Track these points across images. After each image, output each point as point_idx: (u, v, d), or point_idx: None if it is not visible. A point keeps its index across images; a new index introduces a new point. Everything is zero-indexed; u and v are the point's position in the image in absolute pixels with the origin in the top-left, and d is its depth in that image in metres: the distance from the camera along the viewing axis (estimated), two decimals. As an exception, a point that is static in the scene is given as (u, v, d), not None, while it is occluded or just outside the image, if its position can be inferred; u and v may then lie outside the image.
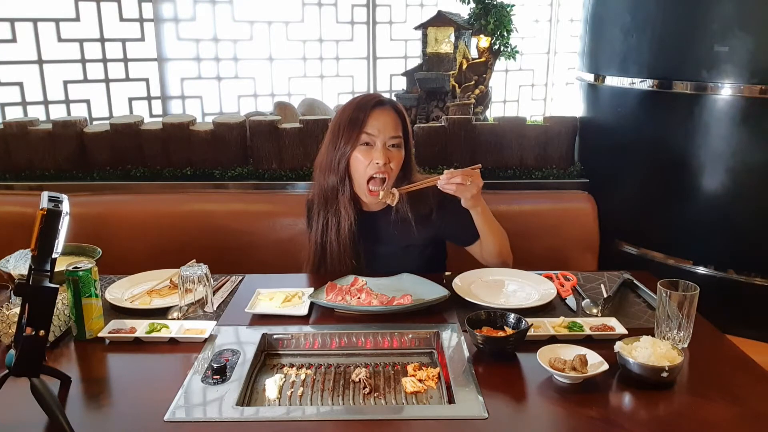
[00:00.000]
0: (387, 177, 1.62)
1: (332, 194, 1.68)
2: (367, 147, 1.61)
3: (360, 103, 1.64)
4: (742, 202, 1.99)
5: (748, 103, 1.90)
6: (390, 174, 1.63)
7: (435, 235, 1.76)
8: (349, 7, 4.43)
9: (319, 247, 1.72)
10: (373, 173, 1.62)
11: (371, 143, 1.61)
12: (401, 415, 1.13)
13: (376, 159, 1.60)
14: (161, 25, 3.84)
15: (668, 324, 1.27)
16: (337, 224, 1.68)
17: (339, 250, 1.69)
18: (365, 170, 1.62)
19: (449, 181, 1.54)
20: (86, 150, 2.47)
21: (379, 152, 1.60)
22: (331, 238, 1.69)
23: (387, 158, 1.60)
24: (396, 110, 1.65)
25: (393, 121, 1.63)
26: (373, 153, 1.60)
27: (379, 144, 1.60)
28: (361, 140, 1.61)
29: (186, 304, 1.46)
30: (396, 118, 1.64)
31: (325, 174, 1.68)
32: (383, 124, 1.61)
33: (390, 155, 1.61)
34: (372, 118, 1.61)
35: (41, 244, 1.06)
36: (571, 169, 2.48)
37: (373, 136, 1.60)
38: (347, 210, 1.66)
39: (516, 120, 2.48)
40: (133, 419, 1.08)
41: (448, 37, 2.71)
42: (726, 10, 1.90)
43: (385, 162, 1.60)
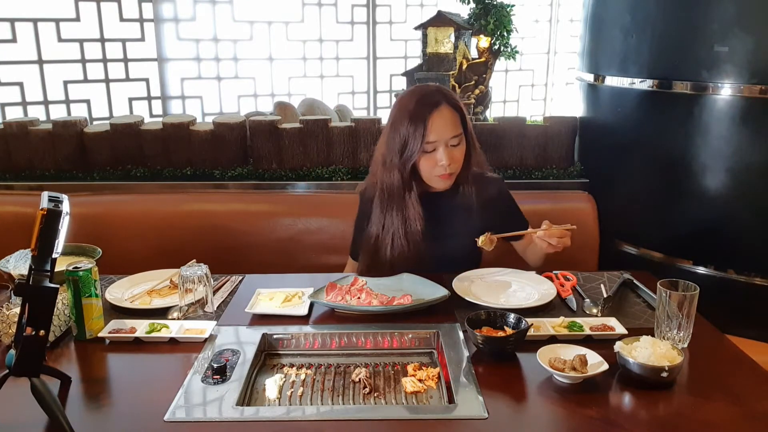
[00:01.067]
0: (453, 173, 1.66)
1: (397, 193, 1.69)
2: (431, 153, 1.63)
3: (419, 104, 1.63)
4: (742, 202, 1.99)
5: (748, 103, 1.90)
6: (455, 171, 1.66)
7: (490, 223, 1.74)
8: (349, 7, 4.44)
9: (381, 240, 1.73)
10: (439, 174, 1.64)
11: (434, 149, 1.62)
12: (401, 415, 1.13)
13: (440, 161, 1.62)
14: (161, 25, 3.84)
15: (668, 324, 1.27)
16: (404, 222, 1.69)
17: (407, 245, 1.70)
18: (431, 171, 1.65)
19: (542, 238, 1.60)
20: (86, 150, 2.47)
21: (443, 155, 1.61)
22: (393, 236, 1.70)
23: (450, 158, 1.62)
24: (453, 106, 1.65)
25: (452, 121, 1.63)
26: (437, 156, 1.62)
27: (440, 147, 1.61)
28: (424, 149, 1.62)
29: (186, 304, 1.46)
30: (454, 115, 1.64)
31: (389, 171, 1.68)
32: (442, 127, 1.61)
33: (452, 155, 1.63)
34: (431, 124, 1.60)
35: (41, 244, 1.06)
36: (571, 169, 2.49)
37: (435, 142, 1.61)
38: (416, 209, 1.68)
39: (516, 120, 2.48)
40: (133, 419, 1.08)
41: (448, 37, 2.71)
42: (726, 10, 1.90)
43: (449, 163, 1.62)
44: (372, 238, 1.74)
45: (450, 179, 1.67)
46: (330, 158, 2.47)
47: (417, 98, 1.65)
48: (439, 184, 1.69)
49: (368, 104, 4.77)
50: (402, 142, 1.63)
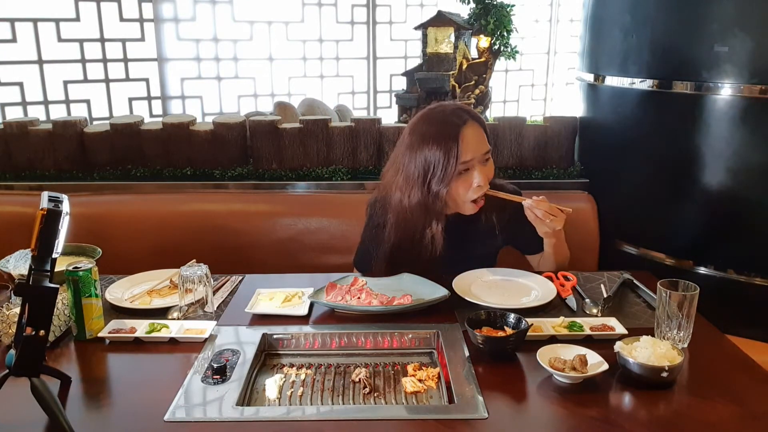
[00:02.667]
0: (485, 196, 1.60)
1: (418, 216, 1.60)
2: (465, 173, 1.56)
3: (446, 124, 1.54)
4: (742, 202, 1.98)
5: (748, 103, 1.90)
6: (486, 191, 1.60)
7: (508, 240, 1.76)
8: (349, 7, 4.44)
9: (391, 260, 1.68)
10: (474, 197, 1.58)
11: (468, 169, 1.55)
12: (401, 415, 1.13)
13: (478, 182, 1.55)
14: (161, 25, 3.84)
15: (668, 324, 1.27)
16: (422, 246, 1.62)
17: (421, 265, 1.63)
18: (466, 194, 1.58)
19: (532, 208, 1.55)
20: (86, 150, 2.47)
21: (478, 174, 1.55)
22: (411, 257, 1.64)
23: (485, 178, 1.57)
24: (478, 121, 1.58)
25: (481, 136, 1.57)
26: (473, 176, 1.55)
27: (476, 165, 1.55)
28: (459, 170, 1.54)
29: (186, 304, 1.46)
30: (480, 131, 1.57)
31: (409, 198, 1.59)
32: (475, 144, 1.54)
33: (487, 171, 1.58)
34: (464, 142, 1.52)
35: (41, 244, 1.06)
36: (571, 169, 2.48)
37: (470, 161, 1.54)
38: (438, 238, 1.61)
39: (516, 120, 2.48)
40: (133, 419, 1.08)
41: (448, 37, 2.71)
42: (726, 10, 1.90)
43: (485, 183, 1.57)
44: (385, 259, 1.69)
45: (482, 203, 1.60)
46: (330, 158, 2.47)
47: (441, 117, 1.56)
48: (471, 209, 1.60)
49: (368, 104, 4.77)
50: (427, 166, 1.53)
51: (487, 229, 1.70)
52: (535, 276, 1.66)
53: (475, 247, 1.73)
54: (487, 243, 1.73)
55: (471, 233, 1.70)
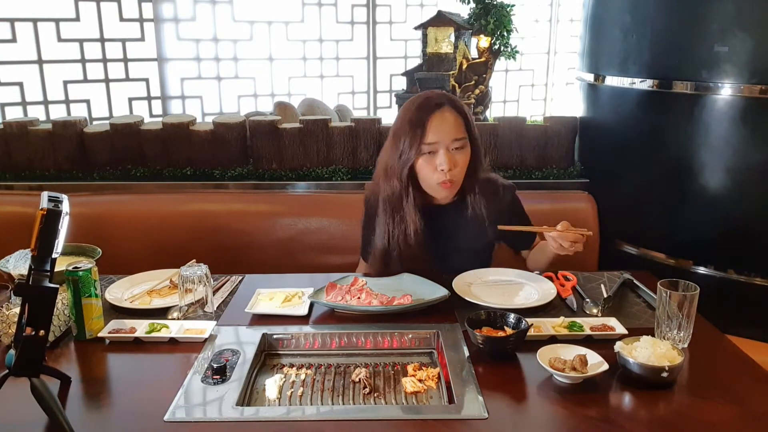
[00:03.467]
0: (455, 181, 1.59)
1: (397, 201, 1.64)
2: (431, 155, 1.57)
3: (420, 107, 1.58)
4: (742, 202, 1.98)
5: (748, 103, 1.90)
6: (456, 178, 1.60)
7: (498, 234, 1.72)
8: (349, 7, 4.44)
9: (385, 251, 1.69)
10: (440, 180, 1.58)
11: (434, 151, 1.56)
12: (401, 415, 1.13)
13: (441, 165, 1.55)
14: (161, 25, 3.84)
15: (668, 324, 1.27)
16: (404, 231, 1.64)
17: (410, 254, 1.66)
18: (431, 176, 1.59)
19: (556, 239, 1.53)
20: (86, 150, 2.47)
21: (443, 158, 1.55)
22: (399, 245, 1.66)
23: (452, 163, 1.56)
24: (456, 109, 1.59)
25: (454, 123, 1.57)
26: (437, 160, 1.56)
27: (442, 150, 1.56)
28: (423, 150, 1.57)
29: (186, 304, 1.46)
30: (457, 119, 1.58)
31: (389, 180, 1.63)
32: (445, 129, 1.56)
33: (454, 159, 1.57)
34: (432, 125, 1.55)
35: (41, 244, 1.06)
36: (571, 169, 2.48)
37: (435, 143, 1.56)
38: (413, 217, 1.62)
39: (516, 120, 2.48)
40: (133, 419, 1.08)
41: (448, 37, 2.71)
42: (726, 10, 1.90)
43: (450, 168, 1.56)
44: (378, 249, 1.71)
45: (451, 188, 1.60)
46: (330, 158, 2.47)
47: (419, 101, 1.60)
48: (440, 193, 1.62)
49: (368, 104, 4.77)
50: (401, 146, 1.58)
51: (475, 221, 1.68)
52: (535, 276, 1.66)
53: (465, 239, 1.71)
54: (477, 235, 1.70)
55: (459, 224, 1.70)
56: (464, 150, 1.59)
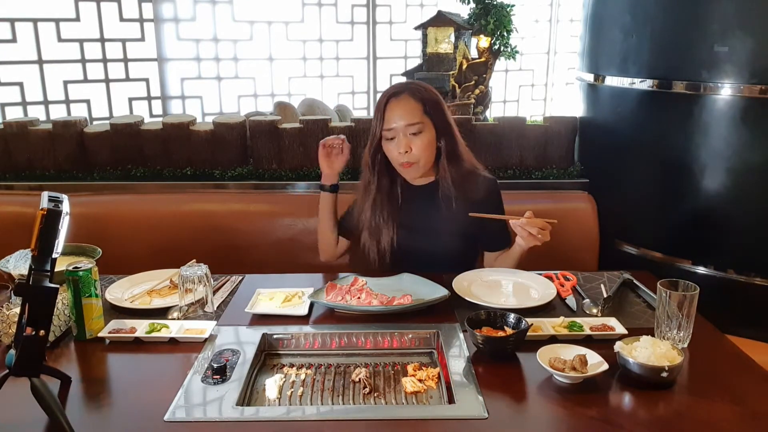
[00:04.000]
0: (415, 163, 1.68)
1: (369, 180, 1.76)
2: (391, 140, 1.67)
3: (382, 97, 1.70)
4: (742, 202, 1.99)
5: (748, 103, 1.90)
6: (417, 160, 1.67)
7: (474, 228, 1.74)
8: (349, 7, 4.44)
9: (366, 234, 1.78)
10: (400, 162, 1.68)
11: (394, 136, 1.66)
12: (401, 415, 1.13)
13: (398, 148, 1.66)
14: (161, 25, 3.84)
15: (668, 324, 1.27)
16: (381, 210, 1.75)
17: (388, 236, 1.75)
18: (395, 159, 1.69)
19: (524, 227, 1.56)
20: (86, 150, 2.47)
21: (400, 142, 1.65)
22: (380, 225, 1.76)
23: (407, 146, 1.65)
24: (414, 96, 1.67)
25: (409, 109, 1.66)
26: (396, 144, 1.66)
27: (399, 135, 1.65)
28: (385, 136, 1.68)
29: (186, 304, 1.46)
30: (413, 105, 1.66)
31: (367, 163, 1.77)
32: (399, 115, 1.65)
33: (409, 143, 1.65)
34: (388, 113, 1.66)
35: (41, 244, 1.06)
36: (571, 169, 2.48)
37: (392, 129, 1.66)
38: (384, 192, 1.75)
39: (516, 120, 2.48)
40: (133, 419, 1.08)
41: (448, 37, 2.71)
42: (726, 10, 1.90)
43: (406, 150, 1.65)
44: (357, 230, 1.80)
45: (412, 169, 1.69)
46: (330, 158, 2.47)
47: (384, 92, 1.72)
48: (404, 173, 1.73)
49: (368, 104, 4.77)
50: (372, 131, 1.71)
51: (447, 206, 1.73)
52: (535, 276, 1.66)
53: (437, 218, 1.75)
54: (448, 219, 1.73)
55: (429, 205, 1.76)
56: (422, 135, 1.66)
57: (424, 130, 1.66)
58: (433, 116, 1.68)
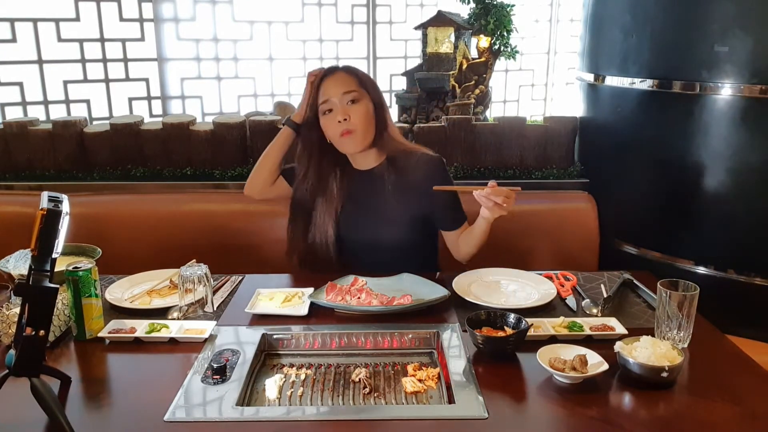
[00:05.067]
0: (354, 130, 1.67)
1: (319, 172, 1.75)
2: (329, 113, 1.68)
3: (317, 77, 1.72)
4: (742, 202, 1.98)
5: (748, 103, 1.90)
6: (357, 128, 1.67)
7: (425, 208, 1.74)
8: (349, 7, 4.43)
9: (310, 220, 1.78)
10: (340, 131, 1.66)
11: (331, 108, 1.67)
12: (401, 415, 1.12)
13: (337, 117, 1.66)
14: (161, 25, 3.84)
15: (668, 324, 1.27)
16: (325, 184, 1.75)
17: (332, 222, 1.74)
18: (334, 131, 1.68)
19: (488, 196, 1.51)
20: (86, 150, 2.47)
21: (337, 111, 1.66)
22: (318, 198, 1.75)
23: (345, 113, 1.66)
24: (348, 71, 1.72)
25: (344, 80, 1.69)
26: (334, 114, 1.67)
27: (336, 104, 1.66)
28: (320, 111, 1.69)
29: (186, 304, 1.46)
30: (347, 77, 1.70)
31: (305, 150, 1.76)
32: (334, 86, 1.68)
33: (349, 111, 1.66)
34: (322, 89, 1.69)
35: (41, 244, 1.06)
36: (571, 169, 2.48)
37: (328, 101, 1.67)
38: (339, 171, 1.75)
39: (516, 120, 2.48)
40: (133, 419, 1.08)
41: (448, 37, 2.71)
42: (726, 10, 1.90)
43: (345, 117, 1.65)
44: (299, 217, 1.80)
45: (351, 138, 1.67)
46: (330, 158, 2.47)
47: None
48: (344, 145, 1.70)
49: (368, 104, 4.75)
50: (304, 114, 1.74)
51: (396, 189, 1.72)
52: (535, 276, 1.66)
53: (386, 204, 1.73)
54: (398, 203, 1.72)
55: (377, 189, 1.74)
56: (360, 103, 1.68)
57: (361, 99, 1.68)
58: (368, 90, 1.71)
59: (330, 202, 1.75)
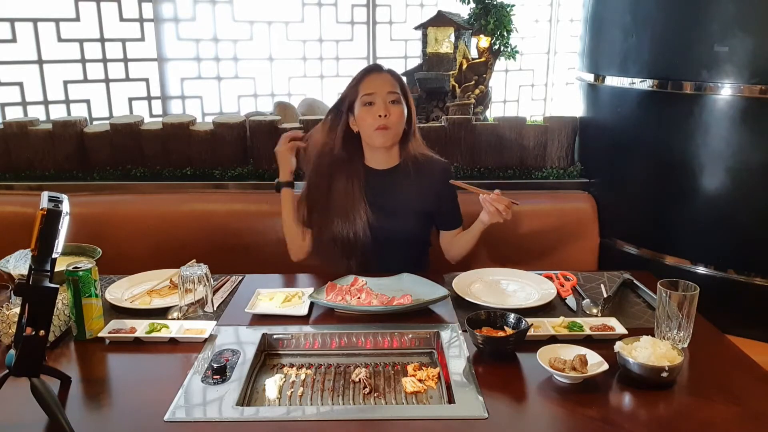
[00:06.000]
0: (390, 128, 1.74)
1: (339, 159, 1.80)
2: (370, 106, 1.74)
3: (361, 71, 1.81)
4: (742, 202, 1.98)
5: (748, 103, 1.90)
6: (393, 127, 1.75)
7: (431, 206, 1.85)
8: (349, 7, 4.43)
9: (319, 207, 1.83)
10: (377, 125, 1.73)
11: (372, 102, 1.74)
12: (401, 415, 1.13)
13: (378, 112, 1.72)
14: (161, 25, 3.84)
15: (668, 324, 1.27)
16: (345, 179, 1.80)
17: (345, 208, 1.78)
18: (371, 124, 1.74)
19: (492, 202, 1.65)
20: (86, 150, 2.47)
21: (379, 106, 1.73)
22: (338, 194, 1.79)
23: (387, 111, 1.73)
24: (392, 73, 1.81)
25: (389, 81, 1.78)
26: (375, 108, 1.73)
27: (379, 100, 1.73)
28: (362, 101, 1.75)
29: (186, 304, 1.46)
30: (391, 79, 1.79)
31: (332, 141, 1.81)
32: (380, 84, 1.76)
33: (390, 109, 1.74)
34: (369, 81, 1.77)
35: (41, 244, 1.06)
36: (571, 169, 2.48)
37: (372, 94, 1.74)
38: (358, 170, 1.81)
39: (516, 120, 2.48)
40: (133, 419, 1.08)
41: (448, 37, 2.71)
42: (726, 10, 1.90)
43: (386, 114, 1.73)
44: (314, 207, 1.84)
45: (386, 134, 1.74)
46: (330, 158, 2.47)
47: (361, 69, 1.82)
48: (377, 139, 1.76)
49: (368, 104, 4.75)
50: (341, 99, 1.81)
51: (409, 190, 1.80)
52: (535, 276, 1.67)
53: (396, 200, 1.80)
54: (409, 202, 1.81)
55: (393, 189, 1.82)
56: (399, 105, 1.76)
57: (400, 102, 1.77)
58: (406, 96, 1.80)
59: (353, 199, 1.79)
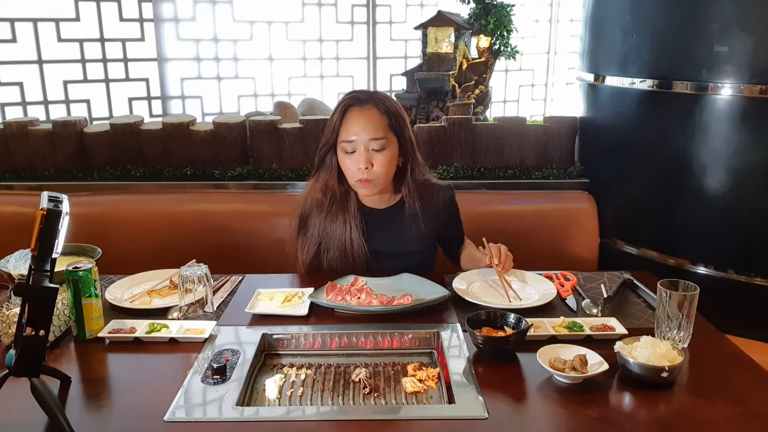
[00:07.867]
0: (373, 180, 1.58)
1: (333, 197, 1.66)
2: (351, 153, 1.57)
3: (343, 103, 1.59)
4: (742, 202, 1.98)
5: (748, 103, 1.90)
6: (376, 179, 1.58)
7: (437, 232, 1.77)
8: (349, 7, 4.43)
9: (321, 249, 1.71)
10: (358, 178, 1.58)
11: (353, 149, 1.56)
12: (401, 415, 1.13)
13: (358, 164, 1.55)
14: (161, 25, 3.84)
15: (668, 324, 1.27)
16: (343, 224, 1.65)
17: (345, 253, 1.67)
18: (353, 173, 1.59)
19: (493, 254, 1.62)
20: (86, 150, 2.47)
21: (360, 156, 1.55)
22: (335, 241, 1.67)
23: (369, 162, 1.55)
24: (379, 107, 1.57)
25: (374, 121, 1.55)
26: (356, 157, 1.55)
27: (361, 148, 1.55)
28: (342, 148, 1.57)
29: (186, 304, 1.46)
30: (378, 117, 1.56)
31: (321, 176, 1.68)
32: (361, 126, 1.54)
33: (373, 159, 1.55)
34: (348, 123, 1.55)
35: (41, 244, 1.06)
36: (571, 169, 2.49)
37: (352, 141, 1.55)
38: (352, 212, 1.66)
39: (516, 120, 2.48)
40: (133, 419, 1.08)
41: (448, 37, 2.71)
42: (726, 10, 1.90)
43: (367, 166, 1.55)
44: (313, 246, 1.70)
45: (369, 186, 1.58)
46: (330, 158, 2.47)
47: (345, 98, 1.61)
48: (360, 190, 1.62)
49: (368, 104, 4.75)
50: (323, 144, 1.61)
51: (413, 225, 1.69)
52: (535, 276, 1.66)
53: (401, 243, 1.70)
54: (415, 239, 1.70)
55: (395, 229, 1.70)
56: (385, 151, 1.57)
57: (387, 147, 1.56)
58: (397, 131, 1.58)
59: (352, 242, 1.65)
